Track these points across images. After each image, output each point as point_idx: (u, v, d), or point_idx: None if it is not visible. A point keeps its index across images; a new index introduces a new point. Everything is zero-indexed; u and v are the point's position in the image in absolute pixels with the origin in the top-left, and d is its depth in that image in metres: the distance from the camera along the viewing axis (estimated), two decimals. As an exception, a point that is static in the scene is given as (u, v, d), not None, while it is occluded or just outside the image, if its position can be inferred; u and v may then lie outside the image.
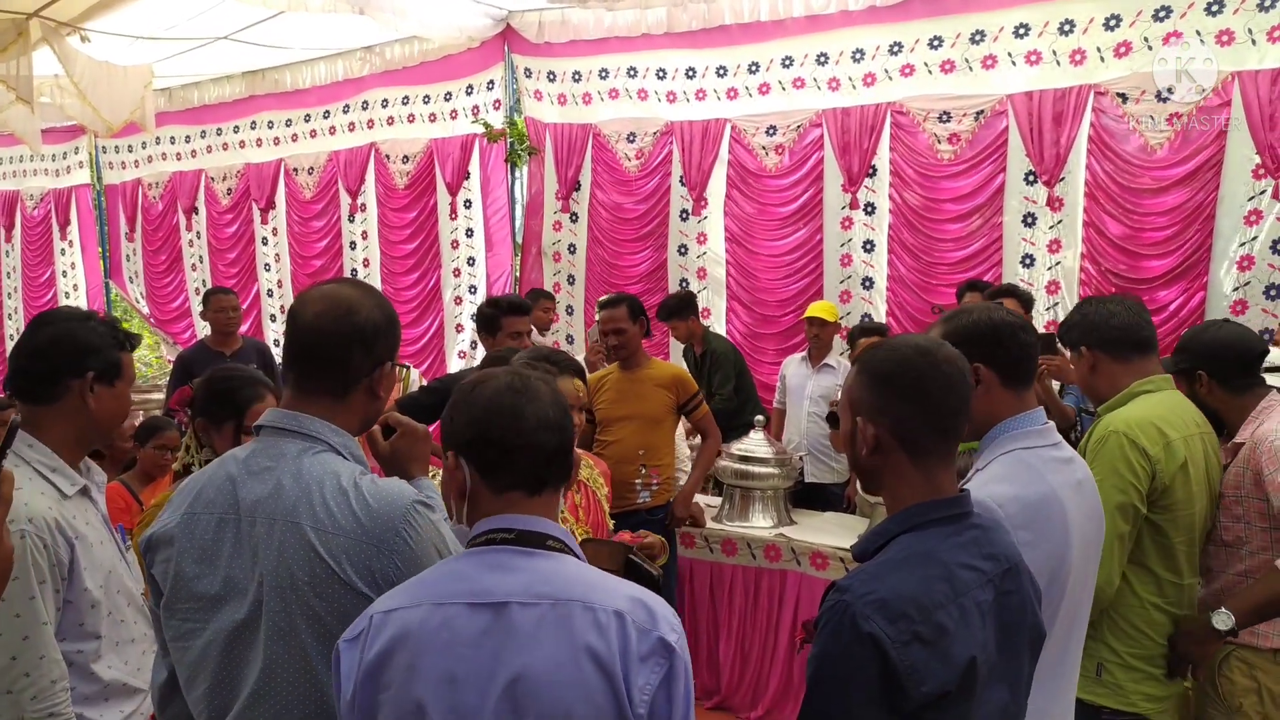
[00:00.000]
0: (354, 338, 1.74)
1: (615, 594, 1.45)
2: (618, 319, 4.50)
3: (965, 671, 1.48)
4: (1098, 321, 2.64)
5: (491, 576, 1.45)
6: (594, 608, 1.41)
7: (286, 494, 1.65)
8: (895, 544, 1.59)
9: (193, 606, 1.69)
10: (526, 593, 1.42)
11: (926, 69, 6.05)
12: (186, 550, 1.69)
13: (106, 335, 2.21)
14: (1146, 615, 2.48)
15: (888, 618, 1.44)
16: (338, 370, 1.75)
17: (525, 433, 1.50)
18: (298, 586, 1.61)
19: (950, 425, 1.63)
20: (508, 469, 1.51)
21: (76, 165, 11.24)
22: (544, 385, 1.56)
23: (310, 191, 9.18)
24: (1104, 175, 5.56)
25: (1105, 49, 5.48)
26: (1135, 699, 2.47)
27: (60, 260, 11.64)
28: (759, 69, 6.63)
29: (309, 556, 1.61)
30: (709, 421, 4.68)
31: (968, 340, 1.99)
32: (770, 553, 4.67)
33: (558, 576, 1.45)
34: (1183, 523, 2.48)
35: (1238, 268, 5.23)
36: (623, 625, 1.40)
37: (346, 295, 1.78)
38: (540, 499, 1.53)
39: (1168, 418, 2.49)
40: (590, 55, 7.26)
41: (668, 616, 1.45)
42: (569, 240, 7.74)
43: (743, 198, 6.87)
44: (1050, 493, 1.95)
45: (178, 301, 10.52)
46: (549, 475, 1.53)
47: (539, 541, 1.49)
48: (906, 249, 6.28)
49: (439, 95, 8.12)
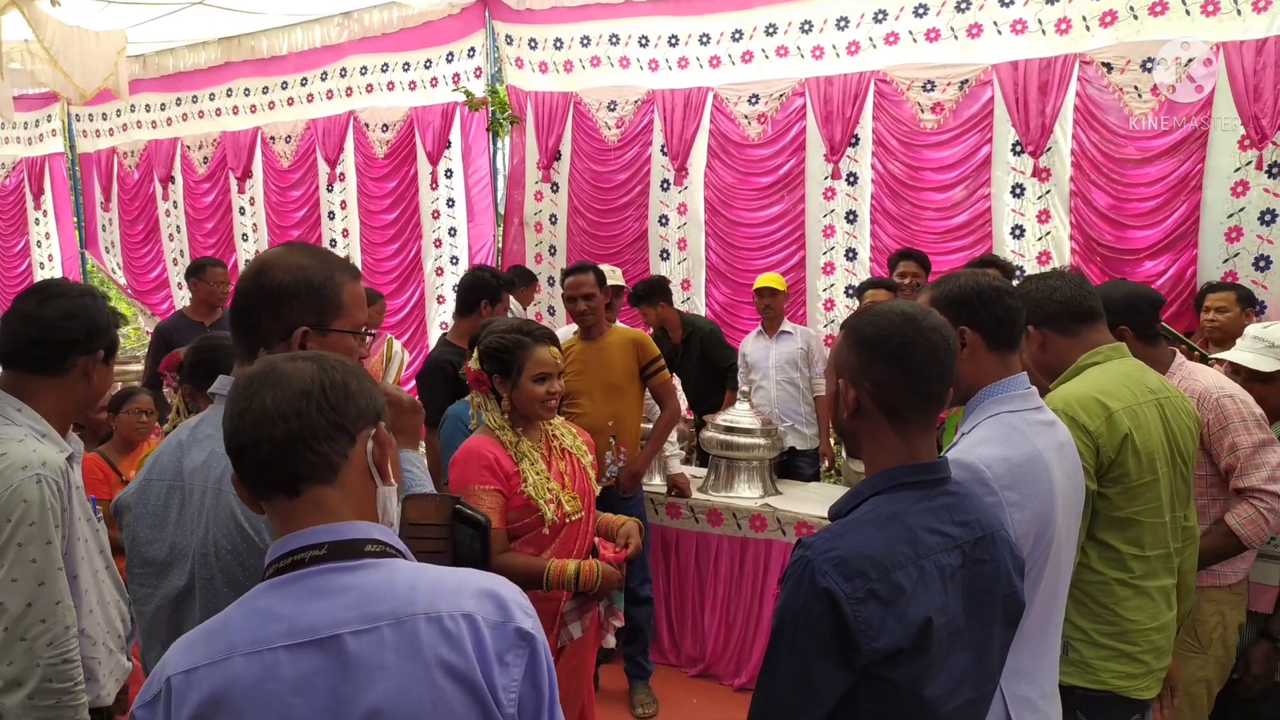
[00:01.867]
0: (263, 298, 1.71)
1: (459, 592, 1.29)
2: (585, 284, 4.47)
3: (920, 631, 1.51)
4: (1039, 299, 2.58)
5: (311, 606, 1.24)
6: (439, 616, 1.25)
7: (216, 462, 1.64)
8: (866, 505, 1.64)
9: (146, 572, 1.72)
10: (359, 618, 1.23)
11: (911, 37, 6.01)
12: (141, 516, 1.73)
13: (109, 314, 2.25)
14: (1110, 591, 2.43)
15: (844, 574, 1.49)
16: (250, 332, 1.72)
17: (244, 431, 1.29)
18: (221, 555, 1.62)
19: (932, 392, 1.65)
20: (248, 476, 1.31)
21: (50, 133, 11.06)
22: (295, 367, 1.32)
23: (288, 160, 9.07)
24: (1090, 146, 5.55)
25: (1091, 18, 5.46)
26: (1105, 676, 2.43)
27: (34, 230, 11.49)
28: (742, 36, 6.58)
29: (231, 526, 1.61)
30: (668, 391, 4.57)
31: (955, 303, 2.06)
32: (756, 523, 4.68)
33: (390, 589, 1.26)
34: (1139, 494, 2.42)
35: (1226, 239, 5.24)
36: (474, 628, 1.26)
37: (270, 256, 1.76)
38: (312, 497, 1.29)
39: (1111, 389, 2.45)
40: (572, 22, 7.18)
41: (518, 599, 1.33)
42: (550, 211, 7.68)
43: (723, 167, 6.83)
44: (1036, 454, 1.98)
45: (155, 272, 10.40)
46: (299, 470, 1.28)
47: (355, 551, 1.28)
48: (890, 219, 6.27)
49: (419, 63, 8.02)
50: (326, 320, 1.73)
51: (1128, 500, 2.40)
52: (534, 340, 2.83)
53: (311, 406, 1.29)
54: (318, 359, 1.35)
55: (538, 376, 2.80)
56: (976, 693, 1.66)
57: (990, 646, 1.69)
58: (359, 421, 1.34)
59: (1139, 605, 2.45)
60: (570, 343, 4.51)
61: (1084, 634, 2.44)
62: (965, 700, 1.63)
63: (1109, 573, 2.44)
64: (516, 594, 1.34)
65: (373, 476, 1.36)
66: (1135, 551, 2.44)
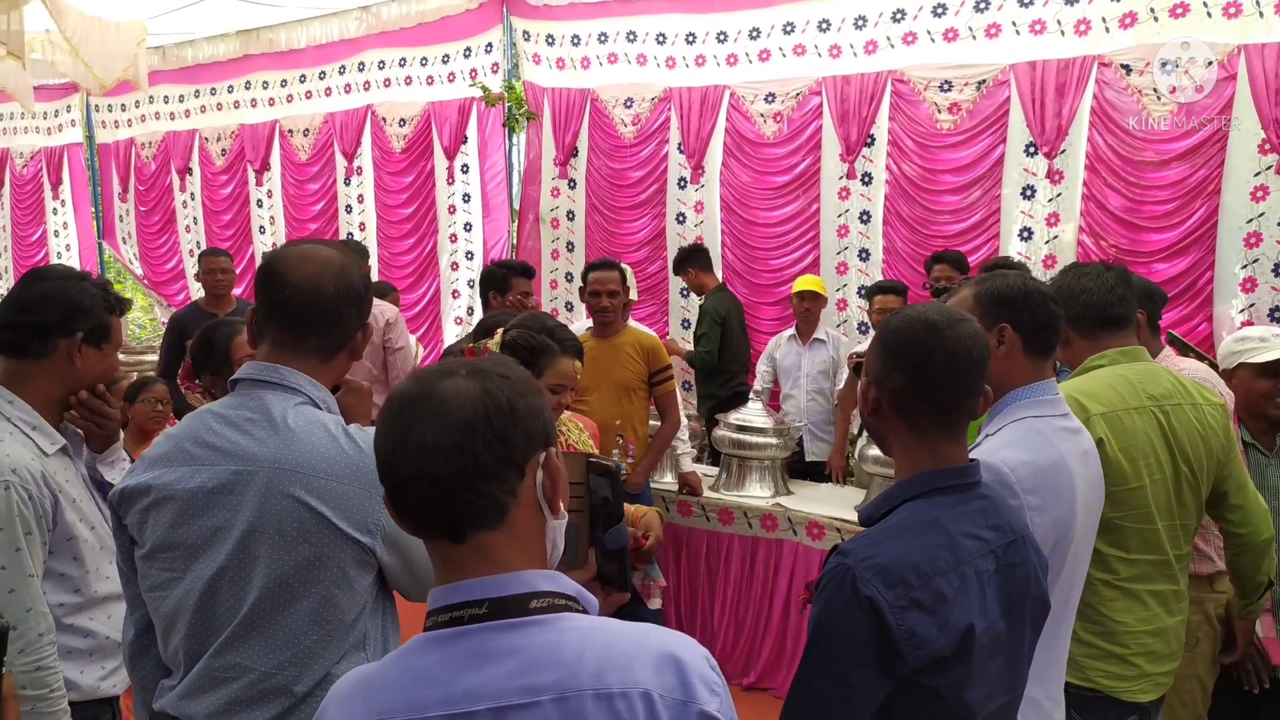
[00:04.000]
0: (352, 299, 1.76)
1: (635, 664, 1.12)
2: (610, 281, 4.48)
3: (962, 638, 1.50)
4: (1068, 295, 2.55)
5: (472, 674, 1.11)
6: (610, 694, 1.09)
7: (269, 444, 1.66)
8: (901, 510, 1.62)
9: (172, 555, 1.70)
10: (520, 689, 1.09)
11: (929, 37, 5.99)
12: (164, 500, 1.70)
13: (98, 297, 2.20)
14: (1094, 590, 2.41)
15: (886, 583, 1.48)
16: (335, 330, 1.75)
17: (401, 466, 1.15)
18: (285, 533, 1.63)
19: (949, 402, 1.64)
20: (408, 515, 1.18)
21: (69, 123, 11.11)
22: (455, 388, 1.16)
23: (306, 153, 9.10)
24: (1105, 148, 5.52)
25: (1110, 20, 5.43)
26: (1093, 674, 2.42)
27: (52, 220, 11.55)
28: (760, 35, 6.56)
29: (294, 505, 1.63)
30: (671, 402, 4.60)
31: (999, 300, 2.07)
32: (767, 522, 4.68)
33: (556, 657, 1.11)
34: (1123, 500, 2.38)
35: (1245, 244, 5.20)
36: (651, 710, 1.10)
37: (335, 257, 1.78)
38: (477, 544, 1.16)
39: (1097, 392, 2.41)
40: (589, 18, 7.18)
41: (703, 674, 1.15)
42: (567, 207, 7.68)
43: (739, 166, 6.81)
44: (1060, 460, 1.99)
45: (171, 263, 10.45)
46: (464, 514, 1.15)
47: (520, 608, 1.14)
48: (903, 220, 6.25)
49: (436, 57, 8.03)
50: (366, 318, 1.83)
51: (1111, 506, 2.34)
52: (560, 350, 2.72)
53: (477, 442, 1.13)
54: (480, 375, 1.18)
55: (554, 386, 2.70)
56: (1008, 696, 1.67)
57: (1021, 650, 1.69)
58: (528, 449, 1.18)
59: (1126, 607, 2.44)
60: (583, 338, 4.52)
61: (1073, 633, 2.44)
62: (999, 704, 1.63)
63: (1093, 572, 2.41)
64: (701, 661, 1.17)
65: (543, 510, 1.22)
66: (1119, 554, 2.42)
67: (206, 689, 1.69)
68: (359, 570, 1.67)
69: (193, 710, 1.71)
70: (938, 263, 5.24)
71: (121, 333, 2.29)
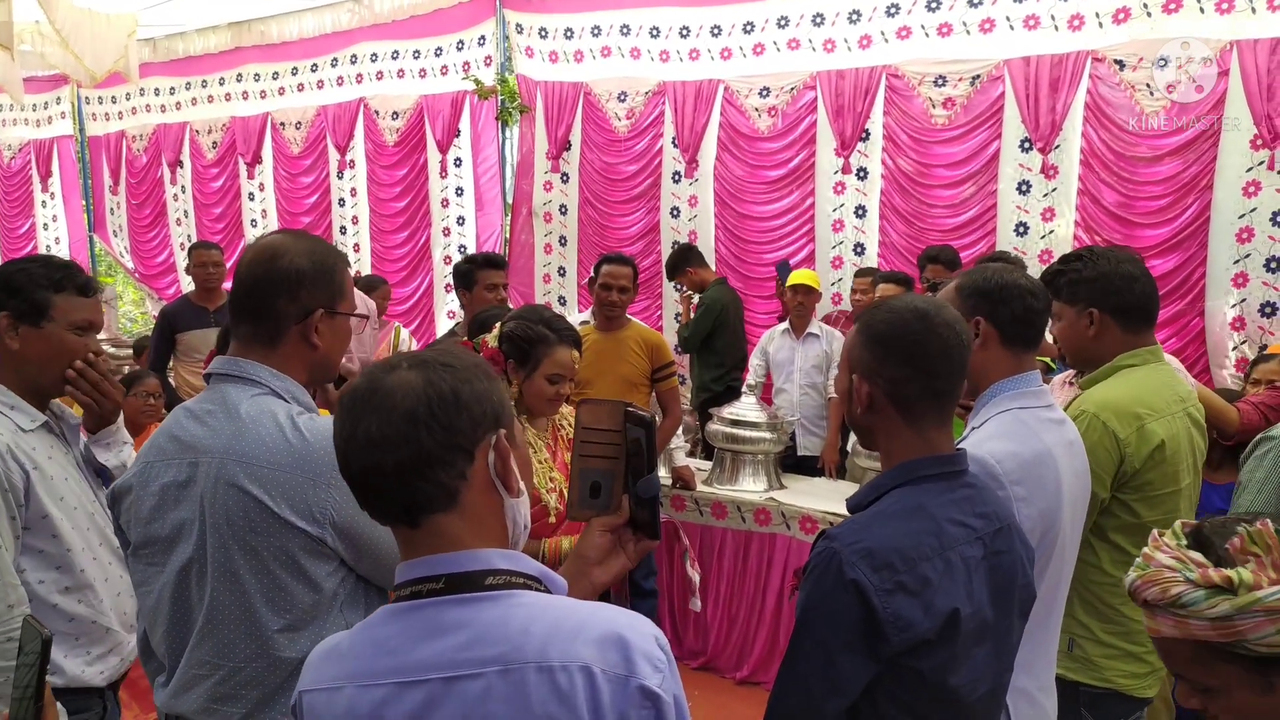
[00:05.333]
0: (280, 283, 1.74)
1: (578, 639, 1.16)
2: (623, 276, 4.49)
3: (946, 622, 1.52)
4: (1120, 285, 2.42)
5: (424, 644, 1.18)
6: (550, 667, 1.13)
7: (222, 434, 1.69)
8: (888, 497, 1.64)
9: (152, 550, 1.74)
10: (467, 660, 1.15)
11: (923, 32, 5.99)
12: (142, 496, 1.75)
13: (39, 276, 2.17)
14: (1118, 592, 2.41)
15: (872, 566, 1.49)
16: (264, 317, 1.75)
17: (352, 459, 1.21)
18: (234, 524, 1.65)
19: (943, 388, 1.65)
20: (366, 504, 1.24)
21: (59, 115, 11.08)
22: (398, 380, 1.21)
23: (298, 147, 9.07)
24: (1100, 143, 5.53)
25: (1104, 15, 5.43)
26: (1109, 674, 2.43)
27: (41, 213, 11.50)
28: (754, 29, 6.56)
29: (239, 495, 1.64)
30: (674, 398, 4.62)
31: (976, 294, 2.08)
32: (760, 516, 4.68)
33: (505, 630, 1.16)
34: (1160, 503, 2.39)
35: (1237, 239, 5.22)
36: (591, 683, 1.13)
37: (276, 242, 1.79)
38: (431, 527, 1.21)
39: (1147, 398, 2.40)
40: (583, 11, 7.18)
41: (647, 651, 1.18)
42: (560, 201, 7.68)
43: (733, 160, 6.81)
44: (1045, 451, 2.00)
45: (162, 256, 10.42)
46: (416, 501, 1.20)
47: (474, 584, 1.19)
48: (898, 215, 6.26)
49: (429, 50, 8.01)
50: (335, 303, 1.80)
51: (1148, 508, 2.37)
52: (558, 339, 2.74)
53: (420, 430, 1.18)
54: (423, 366, 1.22)
55: (552, 376, 2.74)
56: (995, 683, 1.68)
57: (1009, 637, 1.71)
58: (476, 434, 1.22)
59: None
60: (587, 331, 4.54)
61: (1089, 632, 2.44)
62: (986, 690, 1.64)
63: (1119, 574, 2.42)
64: (648, 640, 1.19)
65: (498, 490, 1.26)
66: None
67: (190, 686, 1.71)
68: (311, 560, 1.66)
69: (183, 708, 1.72)
70: (930, 262, 5.25)
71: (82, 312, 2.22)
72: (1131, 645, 2.44)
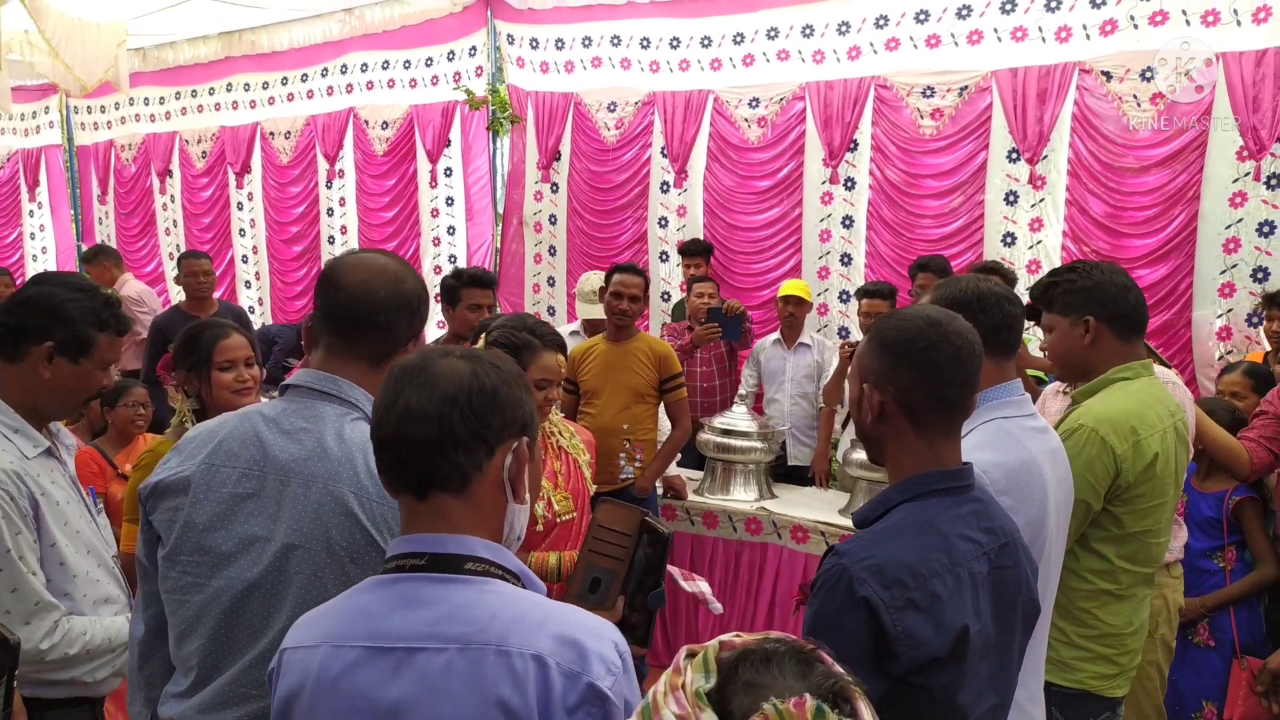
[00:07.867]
0: (404, 306, 1.76)
1: (540, 632, 1.23)
2: (634, 285, 4.48)
3: (957, 639, 1.51)
4: (1114, 294, 2.45)
5: (398, 615, 1.26)
6: (508, 652, 1.21)
7: (329, 457, 1.64)
8: (896, 512, 1.63)
9: (197, 560, 1.66)
10: (434, 635, 1.23)
11: (912, 43, 6.02)
12: (201, 501, 1.67)
13: (87, 311, 2.13)
14: (1095, 598, 2.45)
15: (883, 583, 1.48)
16: (385, 337, 1.75)
17: (386, 425, 1.29)
18: (334, 552, 1.60)
19: (955, 397, 1.65)
20: (385, 470, 1.33)
21: (47, 125, 11.02)
22: (448, 365, 1.30)
23: (287, 156, 9.05)
24: (1087, 154, 5.57)
25: (1091, 27, 5.47)
26: (1081, 676, 2.46)
27: (29, 222, 11.44)
28: (744, 40, 6.58)
29: (349, 523, 1.61)
30: (683, 409, 4.61)
31: (954, 304, 2.04)
32: (751, 526, 4.68)
33: (473, 613, 1.24)
34: (1146, 515, 2.42)
35: (1224, 250, 5.24)
36: (543, 673, 1.20)
37: (393, 265, 1.79)
38: (435, 504, 1.29)
39: (1141, 412, 2.42)
40: (574, 22, 7.18)
41: (603, 653, 1.24)
42: (550, 211, 7.68)
43: (722, 170, 6.83)
44: (1030, 459, 2.01)
45: (151, 266, 10.37)
46: (431, 476, 1.28)
47: (454, 565, 1.27)
48: (886, 225, 6.27)
49: (420, 60, 8.01)
50: (420, 329, 1.83)
51: (1137, 520, 2.40)
52: (542, 345, 2.77)
53: (455, 413, 1.27)
54: (474, 359, 1.32)
55: (539, 382, 2.74)
56: (999, 698, 1.67)
57: (1012, 652, 1.70)
58: (502, 433, 1.31)
59: (1118, 611, 2.48)
60: (594, 342, 4.54)
61: (1063, 635, 2.47)
62: (990, 706, 1.64)
63: (1098, 583, 2.46)
64: (607, 644, 1.26)
65: (505, 491, 1.34)
66: (1127, 566, 2.46)
67: (230, 704, 1.64)
68: None
69: None
70: (921, 270, 5.23)
71: (115, 352, 2.22)
72: (1103, 648, 2.47)
